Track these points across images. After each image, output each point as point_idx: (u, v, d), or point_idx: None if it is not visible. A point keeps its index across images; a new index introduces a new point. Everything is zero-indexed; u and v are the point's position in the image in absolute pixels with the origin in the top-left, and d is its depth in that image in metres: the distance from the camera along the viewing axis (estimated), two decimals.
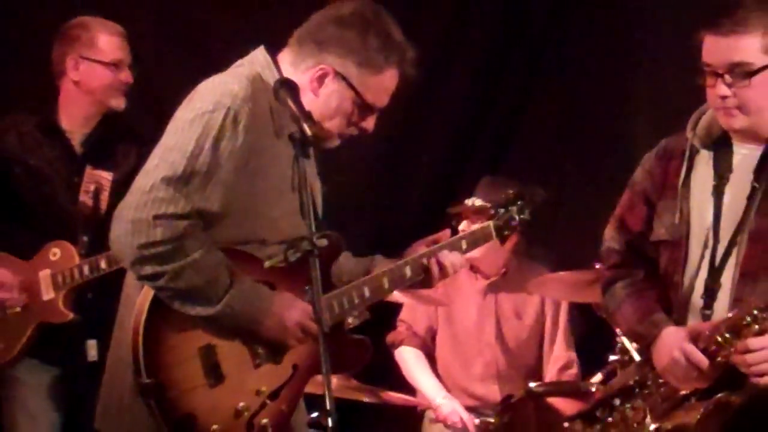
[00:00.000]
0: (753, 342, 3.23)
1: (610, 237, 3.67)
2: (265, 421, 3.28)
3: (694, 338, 3.31)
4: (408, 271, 3.50)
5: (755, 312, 3.25)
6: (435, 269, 3.52)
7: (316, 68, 3.31)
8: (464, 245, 3.57)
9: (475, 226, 3.62)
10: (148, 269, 3.13)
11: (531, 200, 3.68)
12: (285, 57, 3.36)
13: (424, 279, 3.54)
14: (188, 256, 3.12)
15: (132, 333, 3.19)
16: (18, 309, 4.42)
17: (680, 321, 3.41)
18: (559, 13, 5.36)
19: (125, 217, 3.14)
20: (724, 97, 3.33)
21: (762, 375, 3.23)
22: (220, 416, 3.22)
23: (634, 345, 4.31)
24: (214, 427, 3.21)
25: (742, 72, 3.31)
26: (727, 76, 3.32)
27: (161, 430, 3.18)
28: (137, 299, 3.21)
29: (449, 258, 3.52)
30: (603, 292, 3.66)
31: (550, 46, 5.39)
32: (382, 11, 3.36)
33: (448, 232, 3.59)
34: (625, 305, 3.53)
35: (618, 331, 4.43)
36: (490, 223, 3.62)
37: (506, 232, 3.67)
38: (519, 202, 3.67)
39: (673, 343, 3.32)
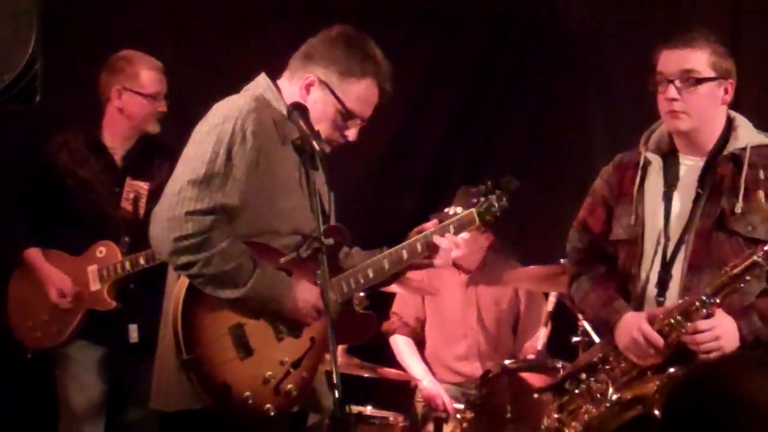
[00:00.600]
0: (702, 324, 3.23)
1: (574, 238, 3.65)
2: (290, 386, 3.28)
3: (651, 321, 3.30)
4: (405, 254, 3.47)
5: (703, 298, 3.24)
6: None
7: (303, 78, 3.32)
8: (452, 230, 3.52)
9: (461, 213, 3.55)
10: (183, 259, 3.14)
11: (507, 188, 3.60)
12: (284, 77, 3.39)
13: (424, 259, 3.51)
14: (216, 246, 3.14)
15: (171, 317, 3.20)
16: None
17: (638, 307, 3.40)
18: (528, 48, 5.38)
19: (161, 217, 3.17)
20: (673, 100, 3.33)
21: (709, 352, 3.23)
22: (251, 384, 3.22)
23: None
24: (246, 393, 3.20)
25: (691, 78, 3.33)
26: (677, 82, 3.33)
27: (203, 399, 3.18)
28: (174, 289, 3.22)
29: (442, 242, 3.48)
30: (570, 285, 3.64)
31: (520, 75, 5.39)
32: (364, 35, 3.38)
33: (436, 221, 3.55)
34: (590, 295, 3.52)
35: (580, 316, 4.44)
36: (473, 210, 3.55)
37: (487, 218, 3.58)
38: (497, 191, 3.60)
39: (633, 325, 3.31)
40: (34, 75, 4.13)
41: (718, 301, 3.23)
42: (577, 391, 3.48)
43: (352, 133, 3.37)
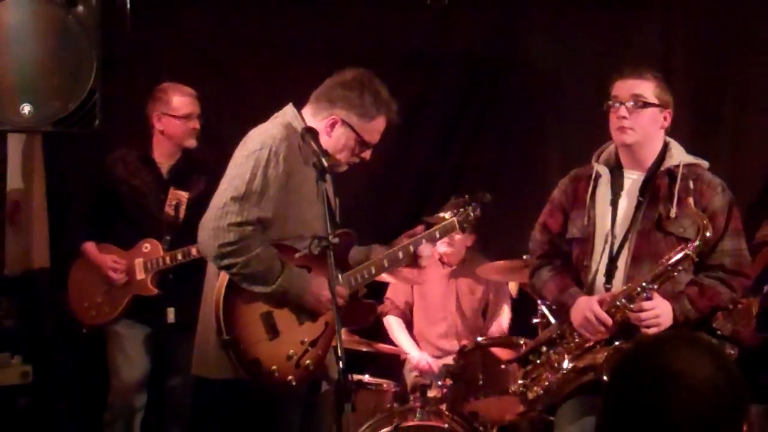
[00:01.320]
0: (645, 304, 3.28)
1: (536, 237, 3.68)
2: (308, 362, 3.34)
3: (600, 303, 3.34)
4: (400, 255, 3.54)
5: (643, 284, 3.30)
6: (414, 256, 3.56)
7: (329, 118, 3.37)
8: (438, 235, 3.62)
9: (444, 222, 3.64)
10: (225, 261, 3.19)
11: (480, 201, 3.69)
12: (307, 110, 3.43)
13: (411, 261, 3.58)
14: (252, 251, 3.18)
15: (214, 305, 3.25)
16: (121, 284, 4.43)
17: (589, 293, 3.44)
18: (497, 85, 5.40)
19: (208, 227, 3.21)
20: (623, 118, 3.38)
21: (649, 327, 3.28)
22: (277, 360, 3.28)
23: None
24: (273, 367, 3.26)
25: (639, 102, 3.38)
26: (628, 103, 3.39)
27: (238, 371, 3.23)
28: (216, 283, 3.27)
29: (424, 250, 3.56)
30: (531, 275, 3.68)
31: (491, 106, 5.42)
32: (374, 76, 3.44)
33: (422, 226, 3.62)
34: (550, 283, 3.55)
35: (539, 301, 4.46)
36: (454, 219, 3.64)
37: (465, 225, 3.67)
38: (472, 204, 3.68)
39: (585, 307, 3.35)
40: (94, 104, 4.20)
41: (656, 287, 3.29)
42: (538, 361, 3.51)
43: (367, 155, 3.47)
